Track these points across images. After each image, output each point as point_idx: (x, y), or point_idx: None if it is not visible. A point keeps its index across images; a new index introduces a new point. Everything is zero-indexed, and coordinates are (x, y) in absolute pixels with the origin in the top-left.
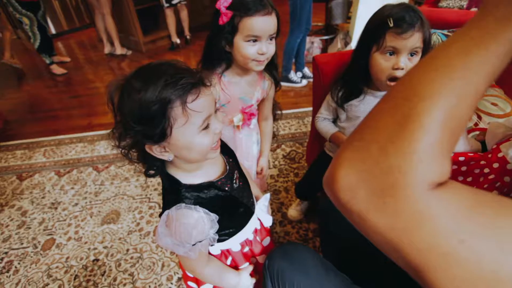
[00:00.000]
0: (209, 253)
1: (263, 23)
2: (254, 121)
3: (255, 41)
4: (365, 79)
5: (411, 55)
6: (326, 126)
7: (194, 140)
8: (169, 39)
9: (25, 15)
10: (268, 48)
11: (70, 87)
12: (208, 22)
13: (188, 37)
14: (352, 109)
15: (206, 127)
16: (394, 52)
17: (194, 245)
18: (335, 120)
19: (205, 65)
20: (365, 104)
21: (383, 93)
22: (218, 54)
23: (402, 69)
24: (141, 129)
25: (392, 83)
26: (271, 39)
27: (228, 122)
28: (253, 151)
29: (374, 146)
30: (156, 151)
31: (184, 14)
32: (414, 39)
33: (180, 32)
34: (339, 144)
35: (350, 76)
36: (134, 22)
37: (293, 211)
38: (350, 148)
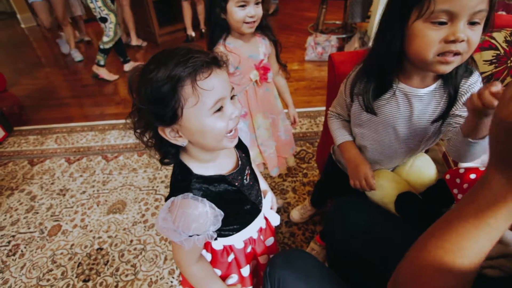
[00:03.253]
0: (213, 250)
1: None
2: (270, 74)
3: (244, 6)
4: (397, 64)
5: (472, 24)
6: (337, 130)
7: (206, 123)
8: (184, 32)
9: (112, 11)
10: (256, 11)
11: (85, 76)
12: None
13: (203, 30)
14: (376, 108)
15: (220, 110)
16: (447, 19)
17: (191, 236)
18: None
19: (210, 36)
20: (392, 104)
21: (414, 90)
22: (217, 21)
23: (462, 41)
24: (152, 109)
25: (444, 59)
26: (257, 4)
27: (247, 81)
28: (278, 105)
29: None
30: (169, 135)
31: (200, 8)
32: None
33: (195, 26)
34: (347, 156)
35: (377, 62)
36: (150, 13)
37: (295, 213)
38: None
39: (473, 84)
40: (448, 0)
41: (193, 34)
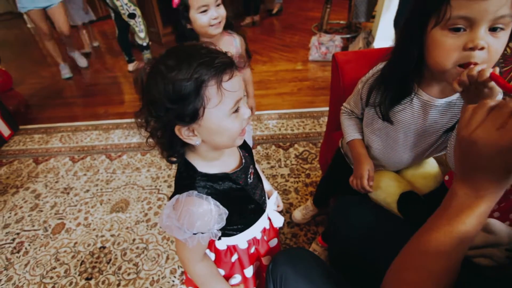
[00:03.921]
0: (216, 250)
1: None
2: None
3: (205, 10)
4: (417, 71)
5: (494, 30)
6: (348, 127)
7: (225, 124)
8: None
9: (136, 5)
10: (218, 12)
11: (90, 75)
12: (229, 16)
13: None
14: (391, 115)
15: (236, 111)
16: (465, 26)
17: (195, 234)
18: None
19: None
20: (406, 111)
21: (433, 99)
22: (185, 33)
23: (482, 48)
24: (174, 108)
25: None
26: (218, 5)
27: None
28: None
29: None
30: (184, 134)
31: None
32: (499, 1)
33: None
34: (353, 154)
35: (395, 70)
36: (155, 13)
37: (298, 213)
38: None
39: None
40: (465, 6)
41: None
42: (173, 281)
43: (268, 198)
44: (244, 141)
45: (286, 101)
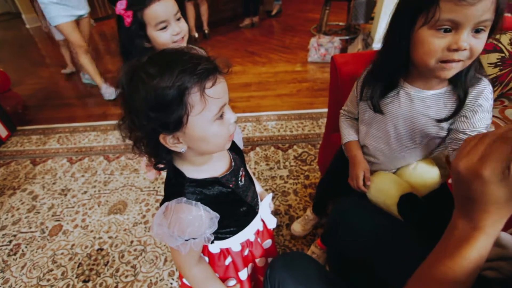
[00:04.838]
0: (210, 253)
1: (163, 7)
2: None
3: (165, 27)
4: (404, 66)
5: (477, 32)
6: (345, 130)
7: (210, 130)
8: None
9: None
10: (180, 27)
11: None
12: (228, 17)
13: (206, 31)
14: (381, 106)
15: (221, 117)
16: (451, 27)
17: (187, 240)
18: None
19: None
20: (394, 103)
21: (419, 91)
22: (141, 52)
23: (464, 49)
24: (156, 117)
25: (446, 65)
26: (178, 19)
27: None
28: None
29: None
30: (169, 142)
31: (204, 9)
32: (484, 7)
33: (198, 27)
34: (349, 156)
35: (384, 65)
36: None
37: (297, 226)
38: None
39: (481, 90)
40: (453, 10)
41: (196, 35)
42: (171, 283)
43: (261, 201)
44: (234, 143)
45: (285, 102)
